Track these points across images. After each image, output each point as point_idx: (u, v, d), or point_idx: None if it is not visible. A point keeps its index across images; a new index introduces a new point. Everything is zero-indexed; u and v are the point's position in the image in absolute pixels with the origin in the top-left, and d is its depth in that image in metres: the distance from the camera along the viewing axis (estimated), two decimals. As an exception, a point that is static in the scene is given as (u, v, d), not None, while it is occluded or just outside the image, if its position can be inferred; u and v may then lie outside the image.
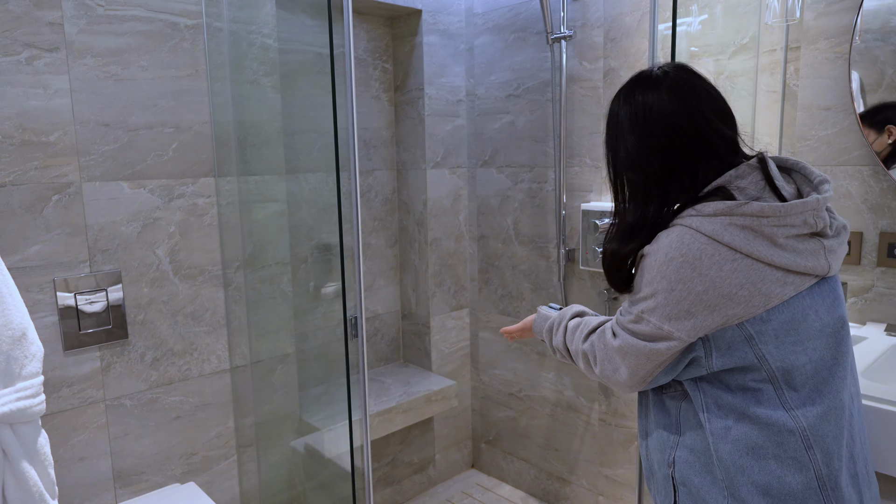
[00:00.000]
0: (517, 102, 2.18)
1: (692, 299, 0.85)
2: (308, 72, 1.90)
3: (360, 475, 1.52)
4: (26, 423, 0.72)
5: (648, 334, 0.89)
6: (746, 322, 0.85)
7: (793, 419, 0.86)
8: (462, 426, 2.56)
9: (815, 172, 0.94)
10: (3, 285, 0.70)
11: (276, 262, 1.84)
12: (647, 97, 0.93)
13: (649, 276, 0.89)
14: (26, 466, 0.70)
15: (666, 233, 0.90)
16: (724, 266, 0.84)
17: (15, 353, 0.71)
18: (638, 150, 0.94)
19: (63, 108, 1.44)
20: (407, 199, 2.36)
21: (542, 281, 2.21)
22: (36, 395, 0.72)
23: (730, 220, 0.85)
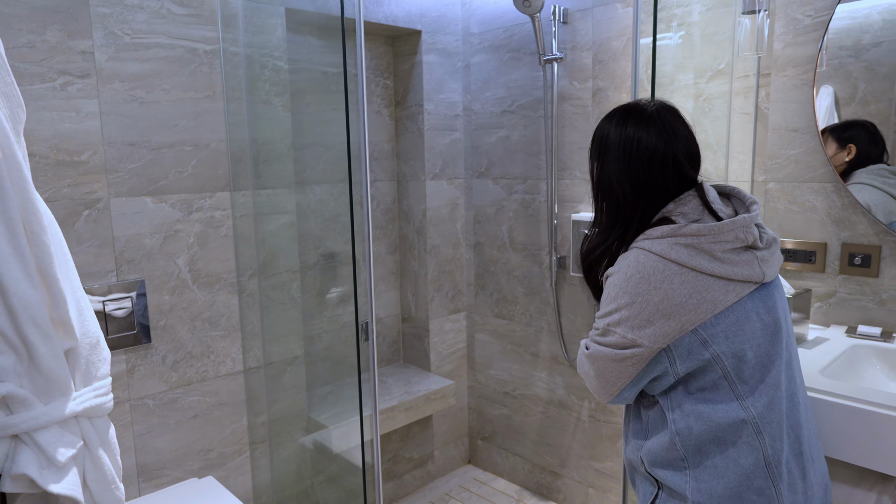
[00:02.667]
0: (511, 118, 2.32)
1: (650, 309, 0.98)
2: (315, 90, 2.02)
3: (370, 468, 1.65)
4: (101, 417, 0.83)
5: (615, 343, 1.03)
6: (699, 327, 0.99)
7: (744, 409, 1.00)
8: (459, 423, 2.69)
9: (747, 196, 1.09)
10: (82, 300, 0.81)
11: (287, 269, 1.97)
12: (638, 132, 1.07)
13: (613, 293, 1.03)
14: (101, 453, 0.82)
15: (624, 256, 1.06)
16: (673, 279, 0.98)
17: (92, 357, 0.83)
18: (619, 173, 1.08)
19: (93, 129, 1.56)
20: (407, 208, 2.49)
21: (535, 286, 2.34)
22: (107, 393, 0.84)
23: (674, 241, 1.00)
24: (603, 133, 1.11)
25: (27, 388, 0.73)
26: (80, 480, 0.77)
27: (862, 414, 1.22)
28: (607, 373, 1.05)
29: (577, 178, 2.15)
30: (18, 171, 0.70)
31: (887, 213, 1.54)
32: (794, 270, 1.72)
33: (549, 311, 2.30)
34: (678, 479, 1.04)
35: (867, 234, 1.59)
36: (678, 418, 1.03)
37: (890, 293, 1.56)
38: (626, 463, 1.19)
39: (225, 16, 1.74)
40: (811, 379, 1.33)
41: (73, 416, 0.79)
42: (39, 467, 0.73)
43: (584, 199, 2.14)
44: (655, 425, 1.08)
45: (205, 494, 1.69)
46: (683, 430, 1.02)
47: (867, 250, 1.58)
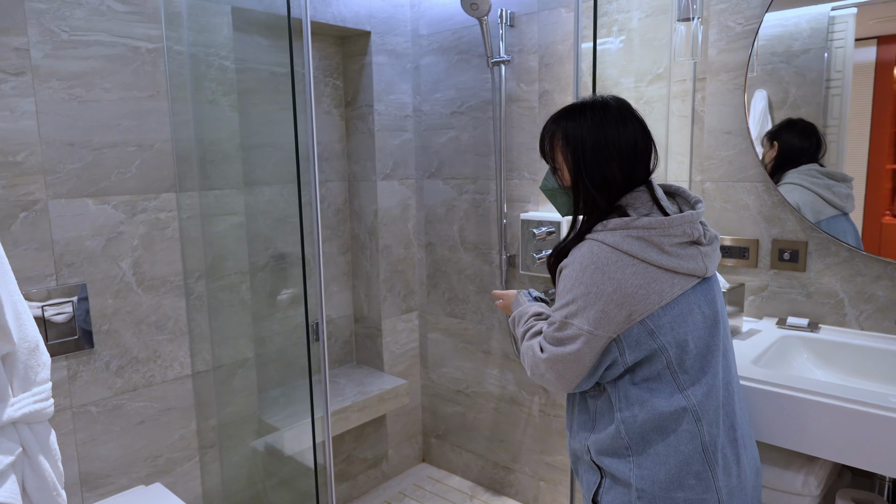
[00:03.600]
0: (461, 119, 2.35)
1: (605, 299, 1.02)
2: (263, 90, 2.00)
3: (322, 470, 1.65)
4: (41, 423, 0.81)
5: (572, 337, 1.05)
6: (647, 318, 1.03)
7: (685, 399, 1.06)
8: (413, 422, 2.71)
9: (692, 195, 1.15)
10: (19, 304, 0.79)
11: (236, 271, 1.94)
12: (608, 131, 1.09)
13: (569, 285, 1.06)
14: (42, 460, 0.80)
15: (577, 248, 1.09)
16: (626, 269, 1.02)
17: (31, 362, 0.81)
18: (595, 171, 1.10)
19: (29, 129, 1.50)
20: (358, 208, 2.49)
21: (485, 285, 2.38)
22: (47, 399, 0.82)
23: (626, 233, 1.04)
24: (576, 137, 1.11)
25: (-39, 394, 0.71)
26: (20, 488, 0.75)
27: (790, 400, 1.30)
28: (567, 371, 1.07)
29: (525, 178, 2.19)
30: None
31: (815, 212, 1.63)
32: (730, 266, 1.80)
33: (499, 309, 2.34)
34: (622, 466, 1.08)
35: (795, 230, 1.68)
36: (624, 407, 1.07)
37: (816, 286, 1.66)
38: (571, 453, 1.23)
39: (168, 14, 1.71)
40: (744, 368, 1.41)
41: (11, 423, 0.77)
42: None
43: (531, 199, 2.19)
44: (602, 415, 1.12)
45: (152, 502, 1.66)
46: (629, 419, 1.07)
47: (795, 246, 1.68)
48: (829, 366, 1.55)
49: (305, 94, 1.46)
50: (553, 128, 1.15)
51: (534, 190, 2.17)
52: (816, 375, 1.55)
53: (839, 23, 1.57)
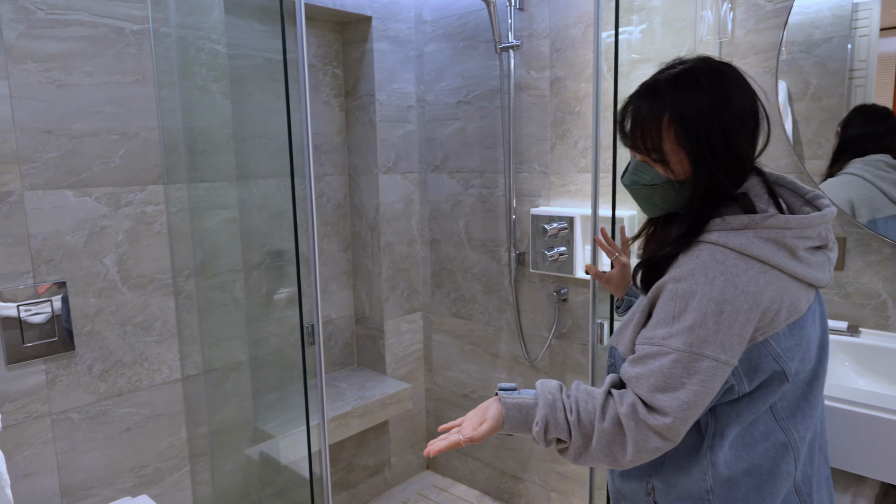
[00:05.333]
0: (467, 109, 2.23)
1: (741, 319, 0.79)
2: (258, 77, 1.89)
3: (318, 480, 1.53)
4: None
5: (700, 371, 0.79)
6: (771, 338, 0.82)
7: (785, 432, 0.88)
8: (417, 428, 2.59)
9: (804, 187, 0.93)
10: None
11: (228, 269, 1.83)
12: (734, 98, 0.86)
13: (689, 303, 0.81)
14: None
15: (691, 255, 0.84)
16: (759, 279, 0.81)
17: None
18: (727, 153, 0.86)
19: (2, 114, 1.39)
20: (359, 203, 2.38)
21: (493, 284, 2.26)
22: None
23: (756, 233, 0.83)
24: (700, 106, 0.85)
25: None
26: None
27: (830, 412, 1.18)
28: (690, 420, 0.82)
29: (535, 171, 2.07)
30: None
31: (871, 210, 1.47)
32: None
33: (509, 309, 2.23)
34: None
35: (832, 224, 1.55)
36: (717, 444, 0.87)
37: (855, 286, 1.54)
38: (614, 493, 1.03)
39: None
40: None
41: None
42: None
43: (541, 193, 2.07)
44: (679, 451, 0.90)
45: (137, 516, 1.55)
46: (722, 459, 0.86)
47: (828, 242, 1.55)
48: (871, 373, 1.43)
49: (299, 81, 1.34)
50: (657, 109, 0.87)
51: (544, 183, 2.05)
52: (858, 384, 1.42)
53: (863, 10, 1.48)
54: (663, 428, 0.81)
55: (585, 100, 1.91)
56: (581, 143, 1.95)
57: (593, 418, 0.85)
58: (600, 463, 0.86)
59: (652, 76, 0.93)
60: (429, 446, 0.90)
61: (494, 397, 0.93)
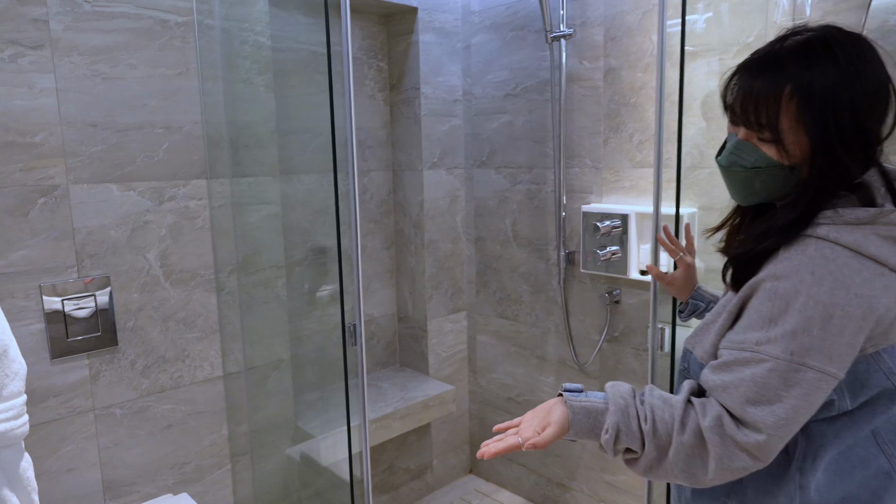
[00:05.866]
0: (515, 102, 2.15)
1: (853, 327, 0.70)
2: (302, 71, 1.85)
3: (359, 482, 1.48)
4: (7, 447, 0.67)
5: (802, 383, 0.70)
6: (883, 350, 0.73)
7: (889, 459, 0.78)
8: (460, 431, 2.53)
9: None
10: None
11: (271, 265, 1.80)
12: (868, 72, 0.75)
13: (791, 305, 0.71)
14: (7, 493, 0.66)
15: (795, 250, 0.74)
16: (874, 283, 0.71)
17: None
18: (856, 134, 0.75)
19: (49, 107, 1.39)
20: (403, 200, 2.32)
21: (541, 284, 2.17)
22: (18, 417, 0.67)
23: (873, 230, 0.73)
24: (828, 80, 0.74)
25: None
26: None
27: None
28: (787, 437, 0.73)
29: (587, 166, 1.98)
30: None
31: None
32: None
33: (557, 310, 2.13)
34: None
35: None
36: (808, 469, 0.77)
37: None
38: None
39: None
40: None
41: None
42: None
43: (593, 189, 1.97)
44: (761, 476, 0.81)
45: (177, 514, 1.53)
46: (809, 482, 0.77)
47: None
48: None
49: (343, 74, 1.30)
50: (778, 81, 0.76)
51: (596, 179, 1.95)
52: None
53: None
54: (754, 446, 0.71)
55: (642, 90, 1.80)
56: (637, 136, 1.84)
57: (671, 429, 0.76)
58: (674, 479, 0.77)
59: (765, 46, 0.82)
60: (482, 448, 0.82)
61: (558, 398, 0.84)
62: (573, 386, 0.85)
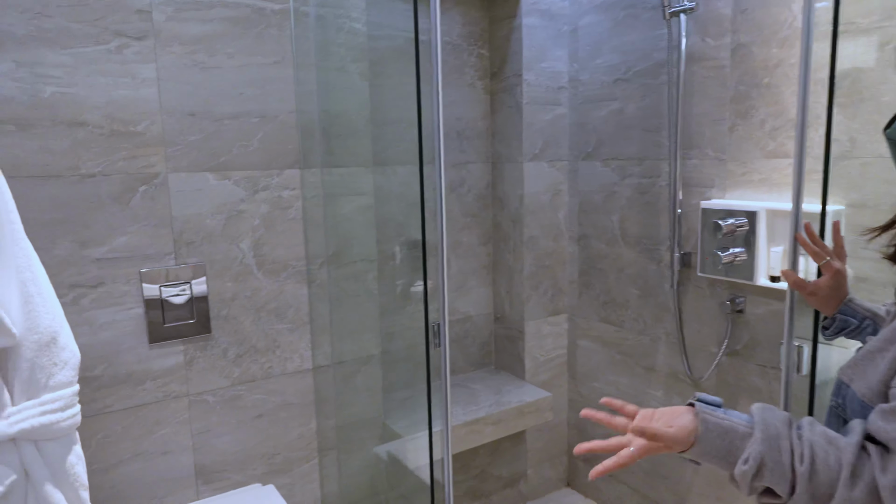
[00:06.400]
0: (626, 87, 1.96)
1: None
2: (399, 59, 1.79)
3: (440, 488, 1.39)
4: (53, 440, 0.64)
5: None
6: None
7: None
8: (557, 441, 2.37)
9: None
10: (31, 284, 0.62)
11: (362, 258, 1.75)
12: None
13: None
14: (51, 490, 0.63)
15: None
16: None
17: (41, 360, 0.64)
18: None
19: (150, 97, 1.42)
20: (502, 193, 2.21)
21: (651, 287, 1.97)
22: (66, 408, 0.65)
23: None
24: None
25: (-62, 397, 0.55)
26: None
27: None
28: None
29: (708, 157, 1.76)
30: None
31: None
32: None
33: (669, 317, 1.93)
34: None
35: None
36: None
37: None
38: None
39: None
40: None
41: (10, 441, 0.60)
42: (-53, 507, 0.54)
43: (715, 183, 1.74)
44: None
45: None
46: None
47: None
48: None
49: (432, 60, 1.22)
50: None
51: (720, 171, 1.73)
52: None
53: None
54: None
55: (777, 69, 1.56)
56: (770, 122, 1.60)
57: (836, 478, 0.60)
58: None
59: None
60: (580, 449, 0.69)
61: (688, 407, 0.70)
62: (710, 398, 0.71)
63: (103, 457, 1.44)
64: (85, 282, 1.39)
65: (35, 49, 1.28)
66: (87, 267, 1.38)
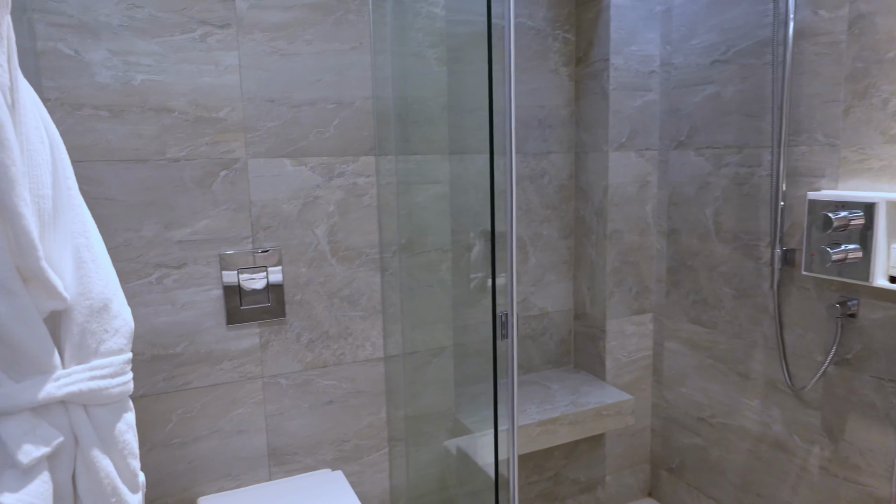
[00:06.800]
0: (724, 69, 1.81)
1: None
2: (479, 44, 1.75)
3: (504, 485, 1.34)
4: (102, 406, 0.65)
5: None
6: None
7: None
8: (639, 447, 2.24)
9: None
10: (85, 250, 0.63)
11: (436, 248, 1.72)
12: None
13: None
14: (98, 455, 0.64)
15: None
16: None
17: (92, 326, 0.65)
18: None
19: (232, 84, 1.45)
20: (585, 185, 2.11)
21: (747, 287, 1.81)
22: (116, 375, 0.65)
23: None
24: None
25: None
26: (69, 489, 0.59)
27: None
28: None
29: (818, 142, 1.58)
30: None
31: None
32: None
33: (767, 320, 1.76)
34: None
35: None
36: None
37: None
38: None
39: (373, -46, 1.54)
40: None
41: (60, 403, 0.61)
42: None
43: (826, 172, 1.56)
44: None
45: (324, 493, 1.52)
46: None
47: None
48: None
49: (504, 44, 1.17)
50: None
51: (832, 159, 1.55)
52: None
53: None
54: None
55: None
56: (894, 102, 1.41)
57: None
58: None
59: None
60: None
61: None
62: None
63: (183, 432, 1.50)
64: (169, 262, 1.44)
65: (127, 39, 1.35)
66: (170, 248, 1.44)
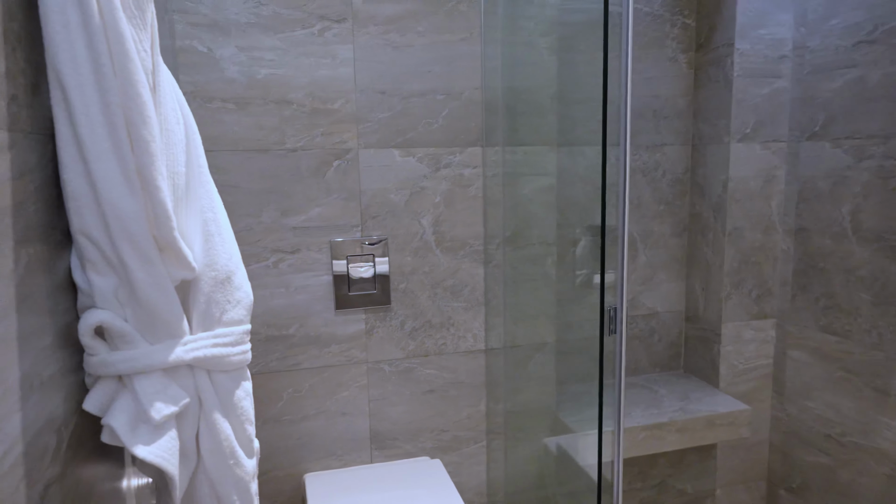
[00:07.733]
0: (870, 51, 1.63)
1: None
2: (592, 32, 1.69)
3: (608, 488, 1.29)
4: (224, 372, 0.69)
5: None
6: None
7: None
8: (755, 462, 2.09)
9: None
10: (212, 224, 0.68)
11: (541, 241, 1.69)
12: None
13: None
14: (218, 417, 0.68)
15: None
16: None
17: (216, 296, 0.69)
18: None
19: (346, 76, 1.50)
20: (702, 179, 1.98)
21: (890, 293, 1.62)
22: (236, 344, 0.69)
23: None
24: None
25: (131, 321, 0.61)
26: (193, 447, 0.63)
27: None
28: None
29: None
30: (121, 42, 0.56)
31: None
32: None
33: (914, 331, 1.57)
34: None
35: None
36: None
37: None
38: None
39: (486, -57, 1.53)
40: None
41: (187, 366, 0.65)
42: (132, 421, 0.60)
43: None
44: None
45: (424, 481, 1.53)
46: None
47: None
48: None
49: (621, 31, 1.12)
50: None
51: None
52: None
53: None
54: None
55: None
56: None
57: None
58: None
59: None
60: None
61: None
62: None
63: (293, 409, 1.57)
64: (284, 247, 1.52)
65: (253, 35, 1.43)
66: (286, 234, 1.51)
